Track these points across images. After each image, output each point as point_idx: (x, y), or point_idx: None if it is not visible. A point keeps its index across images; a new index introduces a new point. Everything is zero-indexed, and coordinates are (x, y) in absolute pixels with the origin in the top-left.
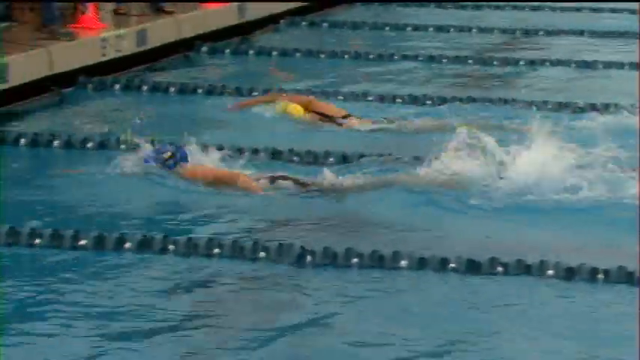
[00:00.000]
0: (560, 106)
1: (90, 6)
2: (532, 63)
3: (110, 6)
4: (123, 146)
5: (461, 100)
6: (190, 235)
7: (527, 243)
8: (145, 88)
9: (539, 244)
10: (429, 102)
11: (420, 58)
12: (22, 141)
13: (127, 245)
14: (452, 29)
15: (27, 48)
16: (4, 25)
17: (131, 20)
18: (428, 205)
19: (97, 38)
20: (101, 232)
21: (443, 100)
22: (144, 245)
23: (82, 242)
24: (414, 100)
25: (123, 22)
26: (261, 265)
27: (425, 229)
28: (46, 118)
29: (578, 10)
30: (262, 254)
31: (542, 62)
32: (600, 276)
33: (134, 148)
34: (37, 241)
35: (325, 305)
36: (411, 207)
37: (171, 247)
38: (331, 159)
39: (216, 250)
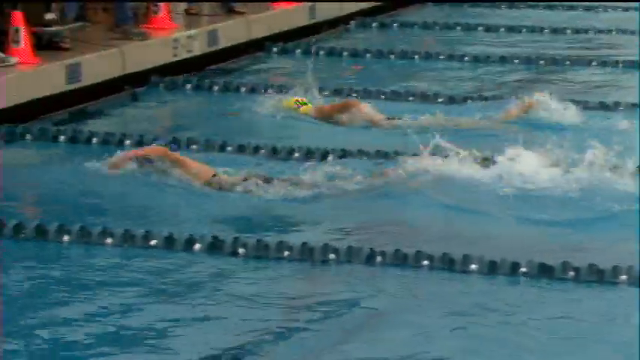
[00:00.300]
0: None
1: (162, 6)
2: (604, 64)
3: (182, 6)
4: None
5: None
6: (260, 238)
7: (600, 247)
8: (216, 88)
9: (612, 248)
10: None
11: (492, 59)
12: (94, 140)
13: (197, 246)
14: (524, 29)
15: (100, 48)
16: (77, 25)
17: (202, 20)
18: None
19: (169, 38)
20: (171, 232)
21: None
22: (214, 247)
23: (153, 242)
24: (484, 100)
25: (194, 22)
26: (331, 267)
27: (494, 233)
28: (118, 118)
29: None
30: (332, 256)
31: (615, 63)
32: None
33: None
34: (109, 240)
35: (394, 307)
36: (474, 209)
37: (241, 250)
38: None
39: (287, 253)
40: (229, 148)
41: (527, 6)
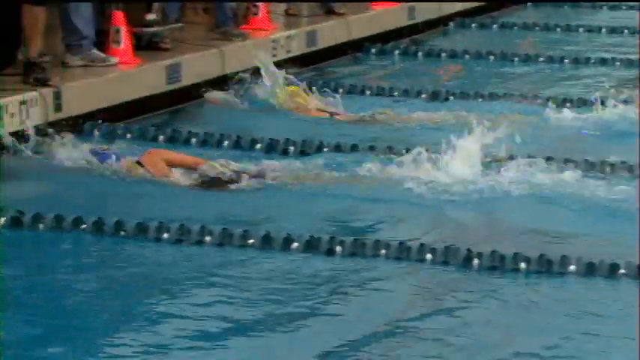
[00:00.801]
0: None
1: (261, 7)
2: None
3: (282, 7)
4: (291, 148)
5: None
6: (357, 237)
7: None
8: (313, 89)
9: None
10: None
11: (592, 61)
12: (193, 140)
13: (295, 245)
14: (625, 31)
15: (200, 48)
16: (177, 26)
17: (302, 21)
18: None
19: (268, 39)
20: (268, 232)
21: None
22: (311, 246)
23: (250, 241)
24: (583, 103)
25: (293, 23)
26: (427, 267)
27: (592, 235)
28: (217, 118)
29: None
30: (429, 256)
31: None
32: None
33: None
34: (208, 239)
35: (491, 309)
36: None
37: (338, 247)
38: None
39: (383, 251)
40: (325, 149)
41: (628, 7)
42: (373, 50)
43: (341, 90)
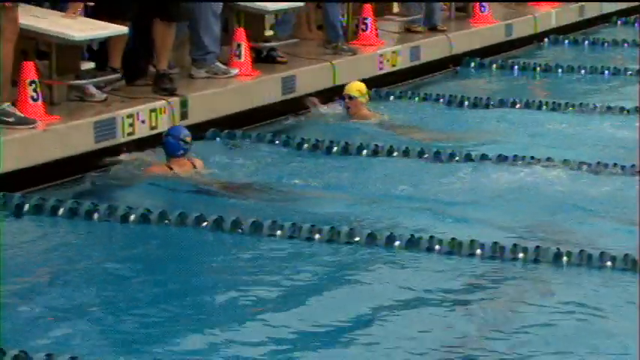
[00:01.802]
0: None
1: (369, 24)
2: None
3: (388, 24)
4: (426, 155)
5: None
6: (454, 236)
7: None
8: (415, 99)
9: None
10: None
11: None
12: (305, 146)
13: (397, 243)
14: None
15: (313, 62)
16: (292, 41)
17: (406, 37)
18: None
19: (375, 54)
20: (373, 231)
21: None
22: (412, 244)
23: (356, 238)
24: None
25: (399, 39)
26: (519, 265)
27: None
28: (330, 126)
29: None
30: (521, 255)
31: None
32: None
33: None
34: (317, 236)
35: (582, 306)
36: None
37: (437, 246)
38: None
39: (478, 251)
40: (426, 155)
41: None
42: (472, 64)
43: (441, 100)
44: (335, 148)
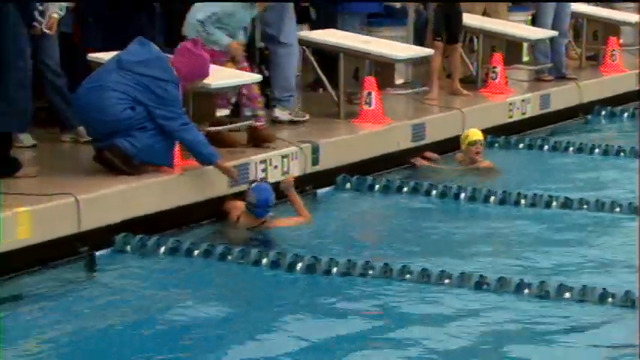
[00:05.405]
0: None
1: (499, 73)
2: None
3: (520, 74)
4: (523, 200)
5: None
6: (543, 279)
7: None
8: (546, 147)
9: None
10: None
11: None
12: (434, 192)
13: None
14: None
15: (443, 109)
16: (421, 89)
17: (536, 85)
18: None
19: (505, 102)
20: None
21: None
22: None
23: (446, 281)
24: None
25: (528, 87)
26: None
27: None
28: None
29: None
30: (567, 295)
31: None
32: None
33: None
34: (447, 281)
35: None
36: None
37: (525, 290)
38: None
39: (567, 295)
40: (554, 204)
41: None
42: (603, 113)
43: (571, 149)
44: (492, 198)
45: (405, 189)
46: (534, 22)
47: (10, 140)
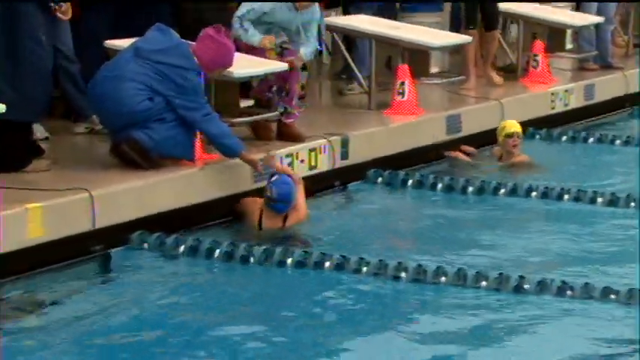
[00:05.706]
0: None
1: (541, 61)
2: None
3: (562, 62)
4: (566, 196)
5: None
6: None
7: None
8: (591, 140)
9: None
10: None
11: None
12: (470, 189)
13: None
14: None
15: (480, 100)
16: (459, 78)
17: (580, 75)
18: None
19: (547, 92)
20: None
21: None
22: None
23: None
24: None
25: (572, 77)
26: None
27: None
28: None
29: None
30: (613, 297)
31: None
32: None
33: None
34: (483, 283)
35: None
36: None
37: (568, 292)
38: None
39: (613, 297)
40: (600, 200)
41: None
42: None
43: (618, 142)
44: (502, 190)
45: (440, 185)
46: (578, 7)
47: (29, 128)
